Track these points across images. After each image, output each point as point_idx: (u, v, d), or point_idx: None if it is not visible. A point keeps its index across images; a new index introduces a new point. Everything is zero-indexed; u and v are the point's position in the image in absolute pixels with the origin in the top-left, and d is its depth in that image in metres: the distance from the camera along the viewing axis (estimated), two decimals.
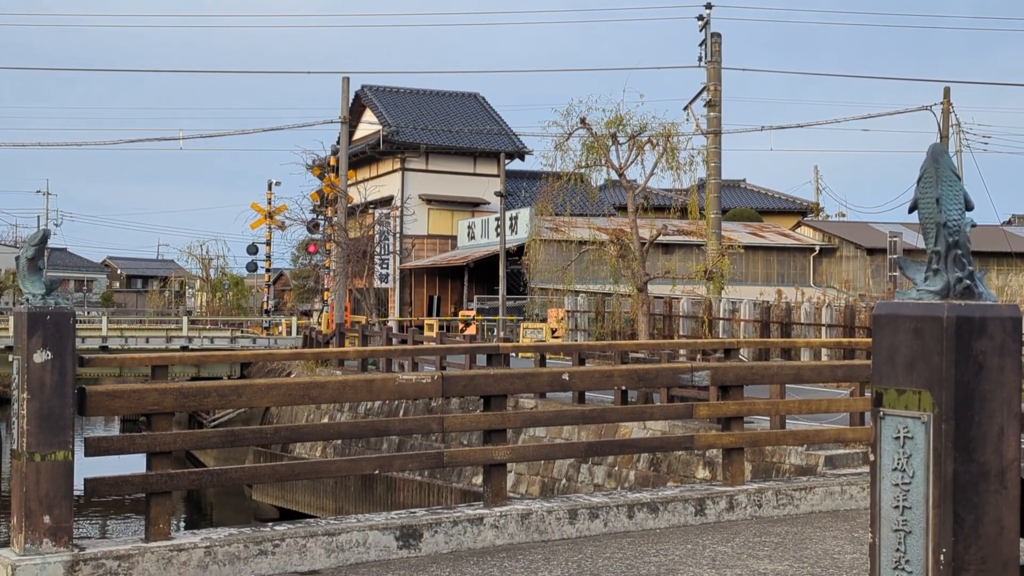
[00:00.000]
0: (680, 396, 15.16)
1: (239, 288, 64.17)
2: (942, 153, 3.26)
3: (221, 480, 8.19)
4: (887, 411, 3.21)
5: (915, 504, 3.14)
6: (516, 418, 9.07)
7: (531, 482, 17.82)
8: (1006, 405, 3.11)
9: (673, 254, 38.22)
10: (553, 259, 29.22)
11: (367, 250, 41.43)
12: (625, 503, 8.10)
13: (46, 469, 6.20)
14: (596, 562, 6.96)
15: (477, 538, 7.41)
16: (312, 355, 21.41)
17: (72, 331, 6.38)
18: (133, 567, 6.27)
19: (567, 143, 25.02)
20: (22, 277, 6.50)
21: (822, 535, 7.98)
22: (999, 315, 3.12)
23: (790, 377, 10.26)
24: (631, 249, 23.88)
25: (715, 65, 32.57)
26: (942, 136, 37.60)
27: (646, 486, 13.90)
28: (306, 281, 54.26)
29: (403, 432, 9.51)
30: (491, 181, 45.34)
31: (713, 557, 7.17)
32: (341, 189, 38.42)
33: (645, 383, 11.73)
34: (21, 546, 6.13)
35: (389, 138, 46.43)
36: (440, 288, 47.28)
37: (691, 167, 25.59)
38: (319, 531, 6.91)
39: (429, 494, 19.36)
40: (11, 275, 64.07)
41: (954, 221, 3.20)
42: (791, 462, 13.37)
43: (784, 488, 8.89)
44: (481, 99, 52.13)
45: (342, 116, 38.52)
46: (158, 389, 6.93)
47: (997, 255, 42.37)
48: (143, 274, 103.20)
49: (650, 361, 16.68)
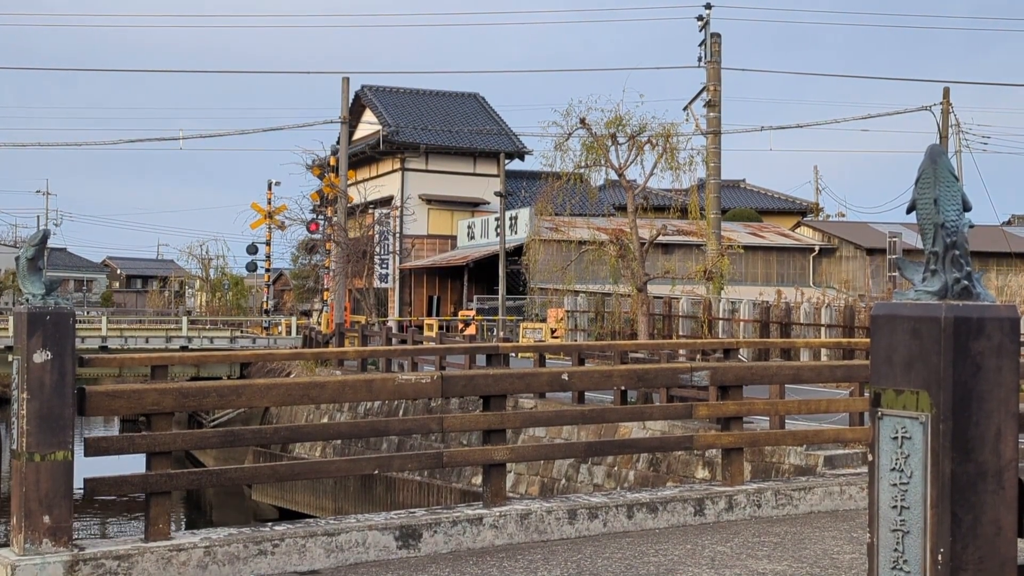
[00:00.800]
0: (679, 396, 15.16)
1: (239, 288, 64.19)
2: (940, 154, 3.27)
3: (220, 480, 8.20)
4: (885, 411, 3.22)
5: (913, 504, 3.14)
6: (515, 418, 9.07)
7: (530, 482, 17.83)
8: (1003, 405, 3.12)
9: (673, 254, 38.23)
10: (553, 259, 29.22)
11: (367, 250, 41.44)
12: (624, 503, 8.10)
13: (46, 469, 6.20)
14: (595, 562, 6.97)
15: (476, 538, 7.41)
16: (312, 355, 21.40)
17: (72, 331, 6.38)
18: (132, 567, 6.28)
19: (567, 143, 25.03)
20: (22, 277, 6.50)
21: (821, 535, 7.98)
22: (997, 316, 3.12)
23: (789, 377, 10.26)
24: (631, 249, 23.89)
25: (715, 65, 32.57)
26: (941, 136, 37.61)
27: (645, 486, 13.91)
28: (306, 281, 54.28)
29: (402, 432, 9.52)
30: (491, 181, 45.34)
31: (712, 557, 7.17)
32: (341, 189, 38.43)
33: (644, 383, 11.74)
34: (21, 546, 6.13)
35: (389, 138, 46.42)
36: (440, 288, 47.28)
37: (691, 167, 25.60)
38: (318, 531, 6.92)
39: (428, 494, 19.37)
40: (11, 275, 64.05)
41: (952, 222, 3.21)
42: (790, 462, 13.38)
43: (783, 488, 8.90)
44: (481, 99, 52.14)
45: (342, 116, 38.53)
46: (158, 389, 6.93)
47: (996, 255, 42.38)
48: (143, 274, 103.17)
49: (649, 361, 16.69)
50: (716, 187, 32.33)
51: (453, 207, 47.93)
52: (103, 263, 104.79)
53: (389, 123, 47.09)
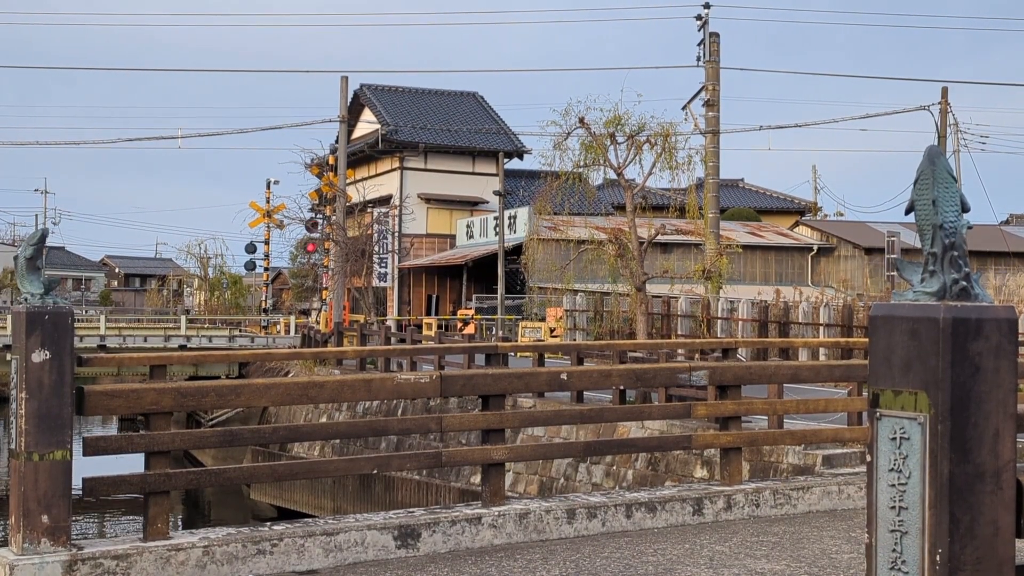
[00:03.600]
0: (678, 396, 15.17)
1: (237, 287, 64.13)
2: (939, 155, 3.27)
3: (219, 479, 8.21)
4: (884, 412, 3.22)
5: (911, 504, 3.15)
6: (514, 418, 9.08)
7: (529, 481, 17.82)
8: (1002, 406, 3.12)
9: (671, 253, 38.24)
10: (551, 258, 29.22)
11: (366, 249, 41.43)
12: (623, 503, 8.11)
13: (44, 469, 6.20)
14: (594, 562, 6.97)
15: (475, 538, 7.41)
16: (310, 354, 21.38)
17: (70, 330, 6.38)
18: (131, 567, 6.28)
19: (566, 142, 25.04)
20: (20, 276, 6.50)
21: (819, 535, 7.99)
22: (995, 316, 3.12)
23: (788, 377, 10.27)
24: (629, 248, 23.89)
25: (713, 65, 32.58)
26: (940, 136, 37.62)
27: (644, 486, 13.91)
28: (304, 280, 54.29)
29: (401, 432, 9.53)
30: (490, 180, 45.34)
31: (711, 556, 7.17)
32: (340, 188, 38.44)
33: (643, 383, 11.73)
34: (19, 546, 6.13)
35: (388, 137, 46.41)
36: (439, 287, 47.27)
37: (689, 166, 25.61)
38: (317, 531, 6.92)
39: (427, 494, 19.36)
40: (9, 274, 64.02)
41: (950, 223, 3.21)
42: (789, 462, 13.38)
43: (782, 488, 8.90)
44: (480, 98, 52.13)
45: (341, 115, 38.53)
46: (156, 389, 6.93)
47: (995, 255, 42.44)
48: (141, 273, 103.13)
49: (648, 361, 16.68)
50: (715, 186, 32.33)
51: (452, 206, 47.92)
52: (101, 262, 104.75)
53: (388, 122, 47.07)
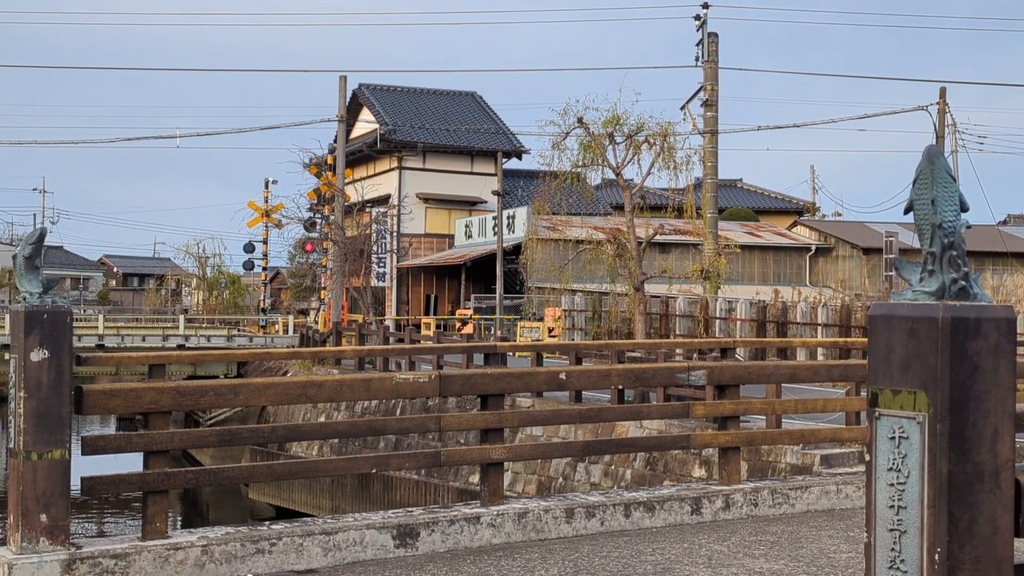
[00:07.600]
0: (677, 395, 15.18)
1: (236, 287, 64.11)
2: (938, 155, 3.27)
3: (218, 479, 8.20)
4: (883, 411, 3.22)
5: (910, 504, 3.15)
6: (513, 417, 9.08)
7: (528, 481, 17.83)
8: (1001, 406, 3.12)
9: (670, 253, 38.26)
10: (550, 258, 29.22)
11: (364, 249, 41.43)
12: (622, 502, 8.11)
13: (43, 468, 6.20)
14: (593, 561, 6.97)
15: (474, 537, 7.41)
16: (309, 354, 21.42)
17: (69, 330, 6.38)
18: (130, 566, 6.27)
19: (564, 142, 25.05)
20: (19, 275, 6.50)
21: (818, 534, 7.99)
22: (994, 316, 3.13)
23: (786, 376, 10.27)
24: (628, 248, 23.89)
25: (712, 65, 32.58)
26: (938, 136, 37.64)
27: (643, 485, 13.91)
28: (303, 280, 54.27)
29: (400, 431, 9.53)
30: (488, 180, 45.33)
31: (709, 556, 7.18)
32: (338, 188, 38.45)
33: (642, 382, 11.74)
34: (18, 544, 6.13)
35: (386, 137, 46.41)
36: (437, 287, 47.27)
37: (688, 167, 25.63)
38: (316, 530, 6.92)
39: (426, 493, 19.37)
40: (8, 273, 63.95)
41: (949, 222, 3.21)
42: (787, 461, 13.39)
43: (780, 487, 8.90)
44: (478, 98, 52.12)
45: (339, 115, 38.54)
46: (155, 388, 6.93)
47: (993, 255, 42.49)
48: (140, 272, 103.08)
49: (647, 360, 16.69)
50: (713, 186, 32.33)
51: (451, 206, 47.92)
52: (100, 261, 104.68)
53: (386, 122, 47.06)
